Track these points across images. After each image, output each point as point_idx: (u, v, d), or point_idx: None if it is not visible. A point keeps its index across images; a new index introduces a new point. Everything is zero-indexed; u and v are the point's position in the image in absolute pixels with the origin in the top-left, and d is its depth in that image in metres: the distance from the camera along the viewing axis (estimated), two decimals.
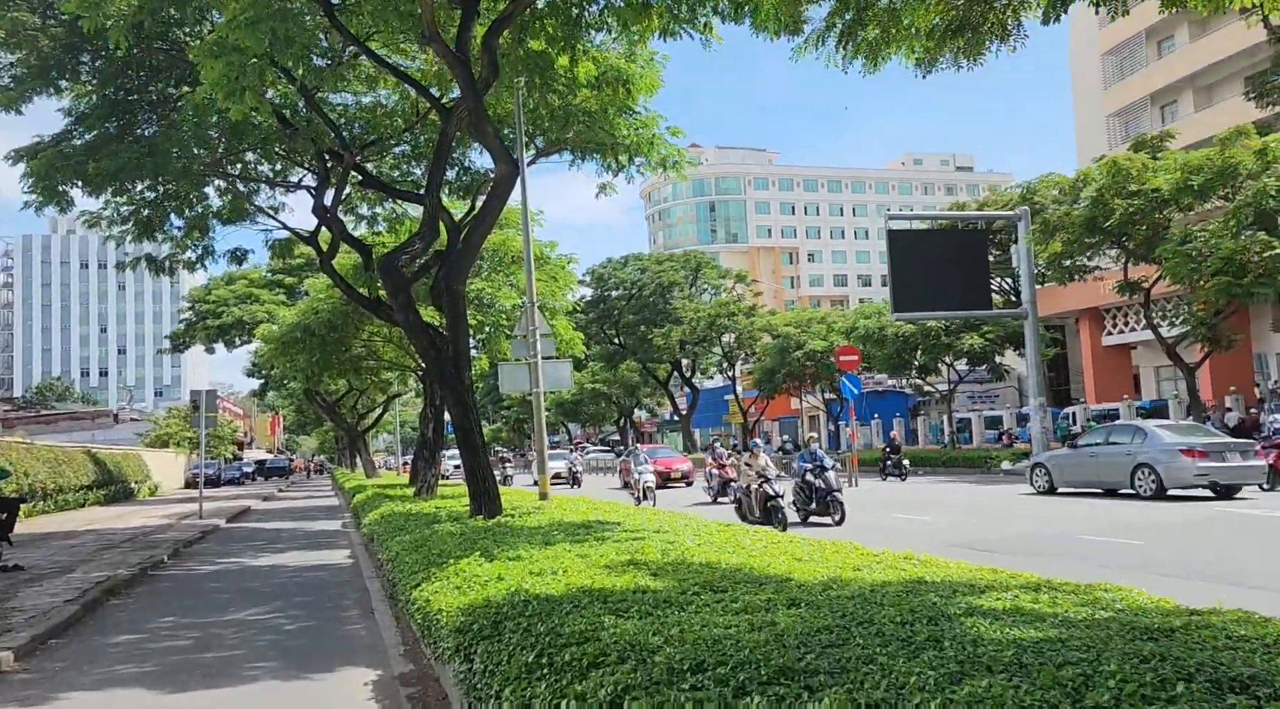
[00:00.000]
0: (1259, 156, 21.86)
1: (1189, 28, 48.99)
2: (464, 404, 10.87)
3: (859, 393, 27.15)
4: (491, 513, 10.96)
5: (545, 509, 12.11)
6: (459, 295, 10.74)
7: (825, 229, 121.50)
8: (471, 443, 10.99)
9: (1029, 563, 9.16)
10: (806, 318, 44.17)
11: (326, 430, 67.68)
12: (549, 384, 14.60)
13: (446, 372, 10.80)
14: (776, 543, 7.72)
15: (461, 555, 7.30)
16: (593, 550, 7.23)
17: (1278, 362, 42.85)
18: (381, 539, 10.90)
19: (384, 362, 28.95)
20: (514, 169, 10.68)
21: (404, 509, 13.78)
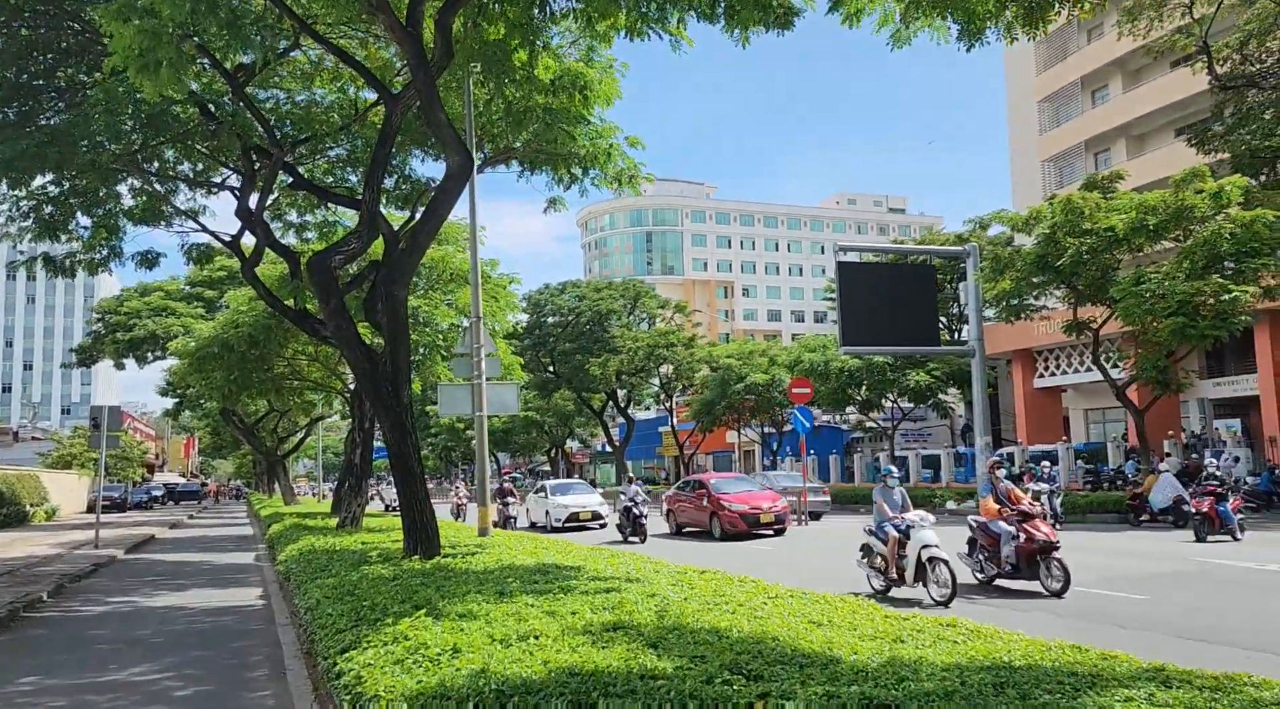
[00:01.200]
0: (1213, 199, 21.83)
1: (1123, 78, 50.29)
2: (402, 427, 9.52)
3: (810, 426, 26.32)
4: (429, 552, 9.59)
5: (489, 548, 10.76)
6: (400, 302, 9.44)
7: (760, 264, 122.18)
8: (409, 471, 9.62)
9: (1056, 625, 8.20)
10: (748, 350, 43.47)
11: (244, 454, 64.51)
12: (493, 408, 13.29)
13: (383, 389, 9.45)
14: (776, 598, 6.56)
15: (401, 610, 5.96)
16: (561, 606, 5.98)
17: (1200, 408, 43.59)
18: (299, 580, 9.42)
19: (309, 382, 27.12)
20: (467, 161, 9.49)
21: (326, 544, 12.25)
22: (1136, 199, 23.53)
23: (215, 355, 22.94)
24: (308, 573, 9.42)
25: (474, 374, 13.13)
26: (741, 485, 23.42)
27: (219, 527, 34.76)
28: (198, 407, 43.62)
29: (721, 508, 21.43)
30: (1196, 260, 21.77)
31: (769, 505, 21.55)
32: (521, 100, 10.90)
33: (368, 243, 10.10)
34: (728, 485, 23.00)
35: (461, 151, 9.41)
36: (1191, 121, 46.93)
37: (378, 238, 10.58)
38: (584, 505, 26.18)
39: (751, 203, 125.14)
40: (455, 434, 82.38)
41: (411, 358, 25.64)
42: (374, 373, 9.49)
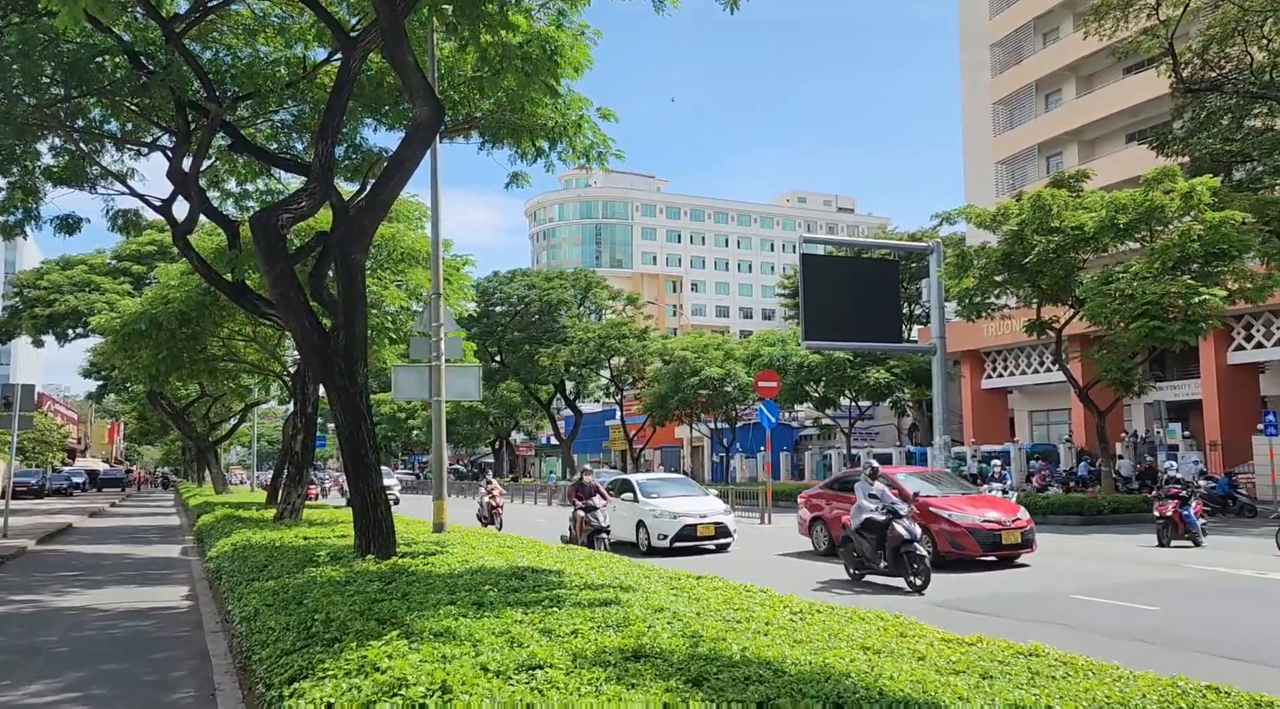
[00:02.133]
0: (1184, 199, 21.59)
1: (1076, 83, 50.67)
2: (356, 410, 8.39)
3: (775, 422, 25.59)
4: (385, 552, 8.48)
5: (449, 547, 9.67)
6: (358, 268, 8.29)
7: (710, 260, 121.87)
8: (363, 460, 8.49)
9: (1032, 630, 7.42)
10: (703, 343, 42.68)
11: (173, 440, 61.86)
12: (453, 393, 12.18)
13: (335, 367, 8.30)
14: (802, 614, 5.63)
15: (364, 629, 4.88)
16: (556, 622, 4.97)
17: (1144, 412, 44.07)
18: (233, 581, 8.23)
19: (245, 364, 25.52)
20: (437, 111, 8.38)
21: (264, 538, 11.01)
22: (1107, 197, 23.22)
23: (143, 333, 21.29)
24: (243, 573, 8.23)
25: (433, 355, 12.00)
26: (950, 488, 15.68)
27: (144, 516, 32.84)
28: (124, 389, 41.42)
29: (943, 521, 13.99)
30: (1167, 260, 21.51)
31: (1010, 519, 14.24)
32: (497, 48, 9.78)
33: (320, 202, 8.94)
34: (923, 486, 15.24)
35: (430, 99, 8.30)
36: (1142, 128, 47.46)
37: (329, 196, 9.41)
38: (702, 514, 17.39)
39: (703, 198, 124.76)
40: (396, 424, 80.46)
41: None
42: (325, 348, 8.32)
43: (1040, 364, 45.79)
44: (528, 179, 17.25)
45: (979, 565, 13.61)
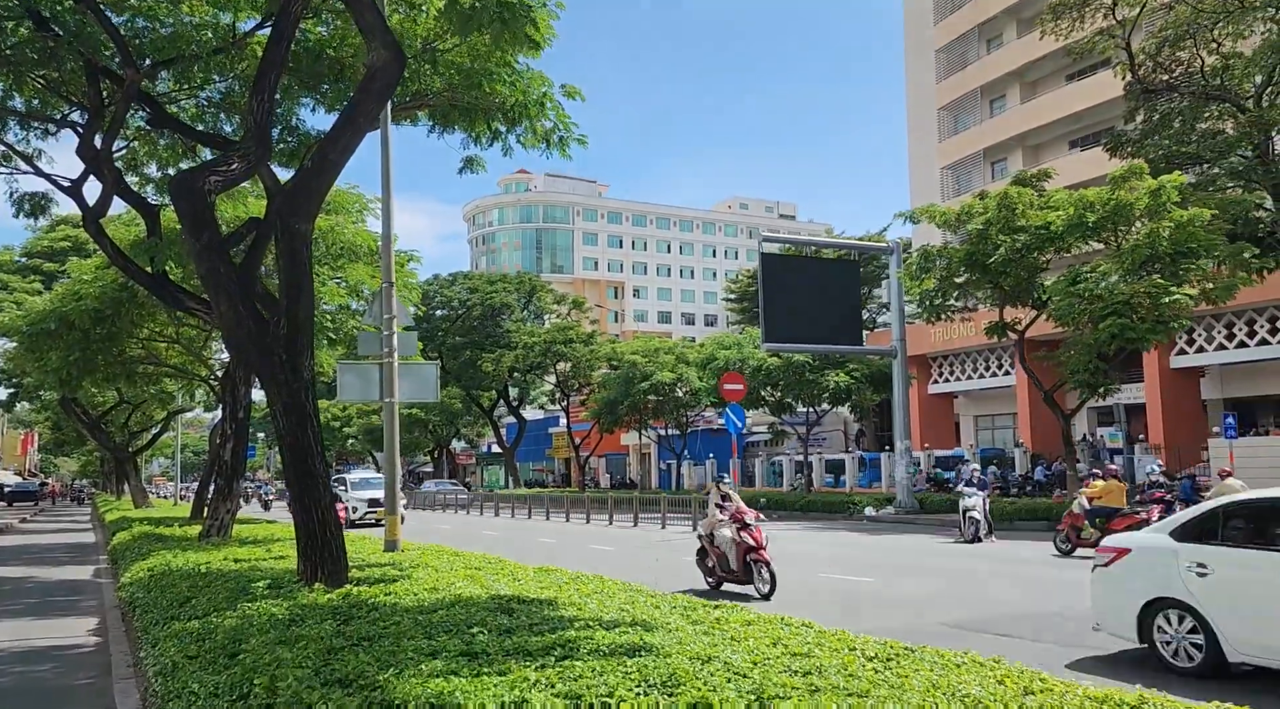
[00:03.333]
0: (1153, 196, 21.21)
1: (1020, 89, 50.99)
2: (300, 409, 7.02)
3: (742, 426, 24.56)
4: (336, 578, 7.12)
5: (408, 569, 8.33)
6: (303, 240, 6.91)
7: (652, 265, 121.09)
8: (308, 469, 7.12)
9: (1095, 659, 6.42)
10: (653, 347, 41.55)
11: (90, 451, 58.48)
12: (408, 393, 10.81)
13: (275, 358, 6.93)
14: (883, 660, 4.47)
15: (322, 696, 3.58)
16: (582, 681, 3.75)
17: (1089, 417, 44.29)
18: (147, 620, 6.79)
19: (167, 368, 23.57)
20: (396, 56, 7.09)
21: (187, 562, 9.51)
22: (1075, 195, 22.75)
23: (52, 333, 19.34)
24: (160, 609, 6.79)
25: (384, 352, 10.62)
26: None
27: (55, 533, 30.43)
28: (35, 397, 38.67)
29: None
30: (1136, 260, 21.07)
31: None
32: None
33: (253, 166, 7.53)
34: None
35: (389, 42, 7.01)
36: (1085, 134, 47.95)
37: (268, 157, 8.05)
38: None
39: (644, 203, 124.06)
40: (330, 432, 77.83)
41: None
42: (262, 336, 6.93)
43: (987, 369, 45.74)
44: (483, 164, 15.92)
45: None
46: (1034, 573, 13.65)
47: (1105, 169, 35.60)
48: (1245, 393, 35.69)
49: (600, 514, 31.48)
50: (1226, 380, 35.09)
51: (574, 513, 32.76)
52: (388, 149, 11.42)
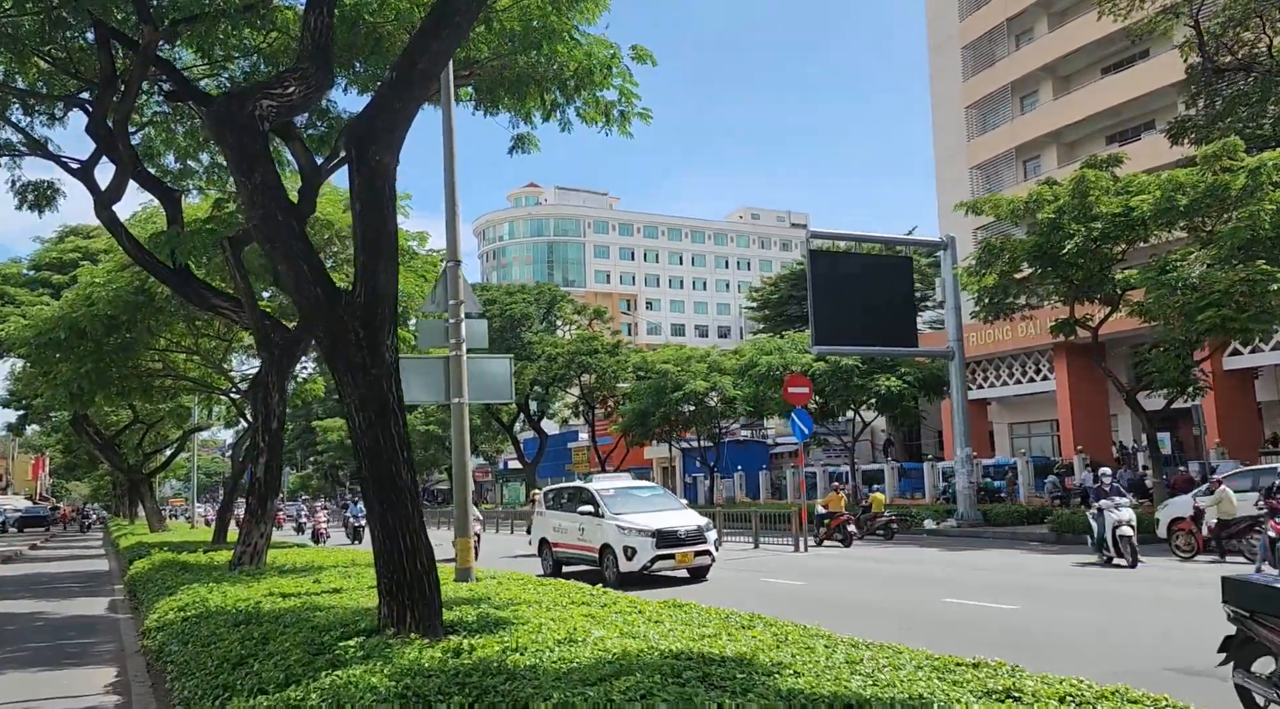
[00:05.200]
0: (1251, 175, 19.55)
1: (1053, 84, 49.42)
2: (381, 403, 5.37)
3: (809, 433, 22.83)
4: (430, 625, 5.43)
5: (503, 606, 6.64)
6: (385, 176, 5.23)
7: (664, 277, 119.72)
8: (393, 480, 5.45)
9: None
10: (685, 355, 39.84)
11: (102, 474, 56.89)
12: (479, 392, 9.13)
13: (348, 337, 5.29)
14: None
15: None
16: None
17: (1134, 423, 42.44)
18: (191, 685, 5.10)
19: (186, 381, 21.97)
20: None
21: (226, 600, 7.83)
22: (1163, 176, 21.03)
23: (61, 343, 17.77)
24: (206, 671, 5.10)
25: (450, 343, 8.95)
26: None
27: (67, 560, 28.78)
28: (45, 419, 37.12)
29: None
30: (1235, 245, 19.33)
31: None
32: None
33: (314, 91, 5.90)
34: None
35: None
36: (1123, 128, 46.32)
37: (330, 85, 6.46)
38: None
39: (655, 215, 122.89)
40: (344, 451, 76.33)
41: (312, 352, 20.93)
42: (333, 305, 5.29)
43: (1024, 374, 43.89)
44: (535, 143, 14.37)
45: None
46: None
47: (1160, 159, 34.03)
48: None
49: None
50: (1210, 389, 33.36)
51: None
52: (450, 101, 9.76)
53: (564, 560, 17.02)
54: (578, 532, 16.35)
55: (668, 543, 14.82)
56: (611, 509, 15.73)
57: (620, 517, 15.43)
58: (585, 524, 16.06)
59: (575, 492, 17.44)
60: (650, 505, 16.09)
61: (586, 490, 16.77)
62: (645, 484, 19.28)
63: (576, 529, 16.40)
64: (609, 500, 16.03)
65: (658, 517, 15.36)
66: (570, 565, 16.91)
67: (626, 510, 15.71)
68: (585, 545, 16.12)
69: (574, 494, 17.32)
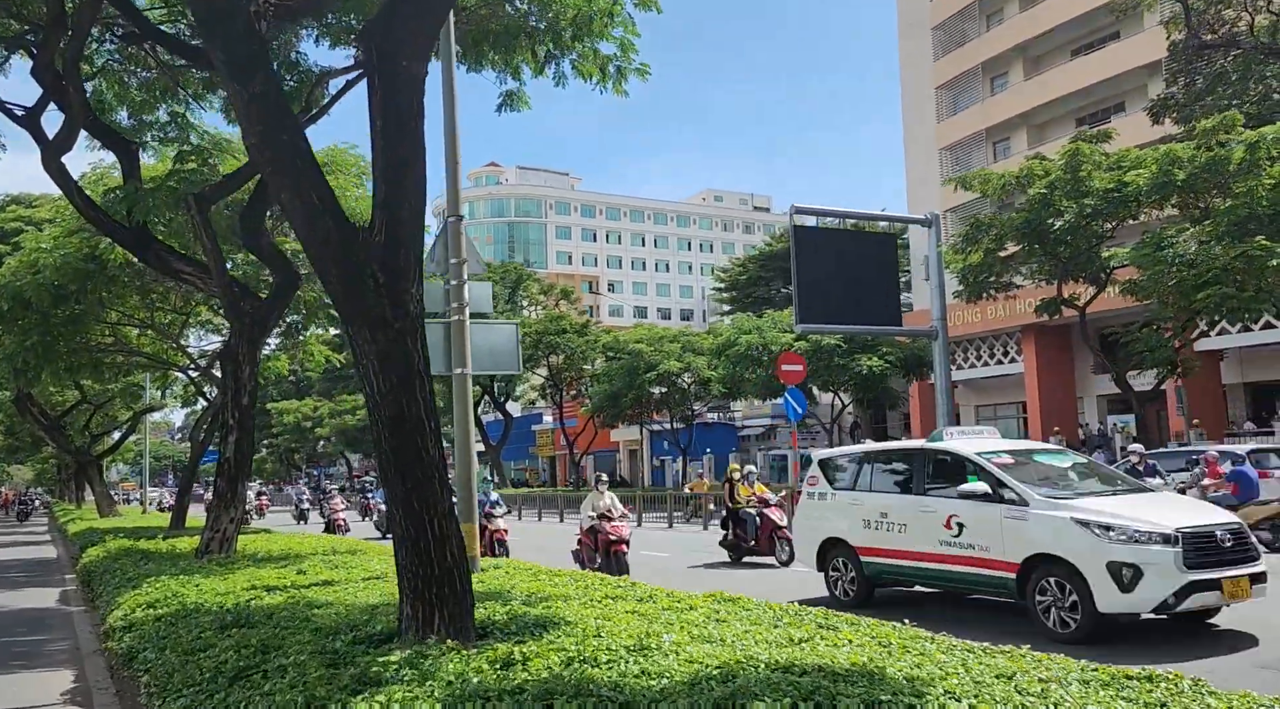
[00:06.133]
0: (1250, 150, 19.19)
1: (1024, 65, 49.24)
2: (406, 363, 4.44)
3: (803, 413, 22.15)
4: (460, 624, 4.56)
5: (533, 601, 5.78)
6: (414, 86, 4.30)
7: (627, 259, 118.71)
8: (419, 456, 4.55)
9: None
10: (657, 335, 39.03)
11: (46, 457, 54.57)
12: (484, 362, 8.23)
13: (367, 282, 4.37)
14: None
15: None
16: None
17: (1099, 405, 42.59)
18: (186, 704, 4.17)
19: (139, 357, 20.64)
20: None
21: (202, 594, 6.85)
22: (1160, 150, 20.60)
23: (3, 314, 16.42)
24: (198, 687, 4.17)
25: (450, 306, 8.02)
26: None
27: (9, 547, 27.24)
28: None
29: None
30: (1233, 221, 18.95)
31: None
32: None
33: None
34: None
35: None
36: (1094, 110, 46.28)
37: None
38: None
39: (617, 196, 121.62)
40: (300, 433, 74.41)
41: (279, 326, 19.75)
42: (349, 245, 4.34)
43: (991, 356, 43.84)
44: (525, 100, 13.38)
45: None
46: None
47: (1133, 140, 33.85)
48: (1265, 376, 34.14)
49: (655, 513, 29.25)
50: (1246, 364, 33.48)
51: (568, 512, 30.49)
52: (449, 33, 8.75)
53: (895, 577, 10.33)
54: (943, 530, 9.39)
55: (1206, 557, 7.99)
56: (1036, 491, 8.86)
57: (1072, 504, 8.60)
58: (969, 516, 9.16)
59: (921, 457, 10.23)
60: (1100, 485, 9.63)
61: (957, 456, 9.68)
62: (1046, 447, 12.77)
63: (937, 525, 9.46)
64: (1013, 473, 9.11)
65: (1142, 505, 8.73)
66: (909, 584, 10.45)
67: (1066, 493, 9.05)
68: (972, 556, 9.06)
69: (915, 461, 10.31)
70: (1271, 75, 26.22)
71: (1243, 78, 26.41)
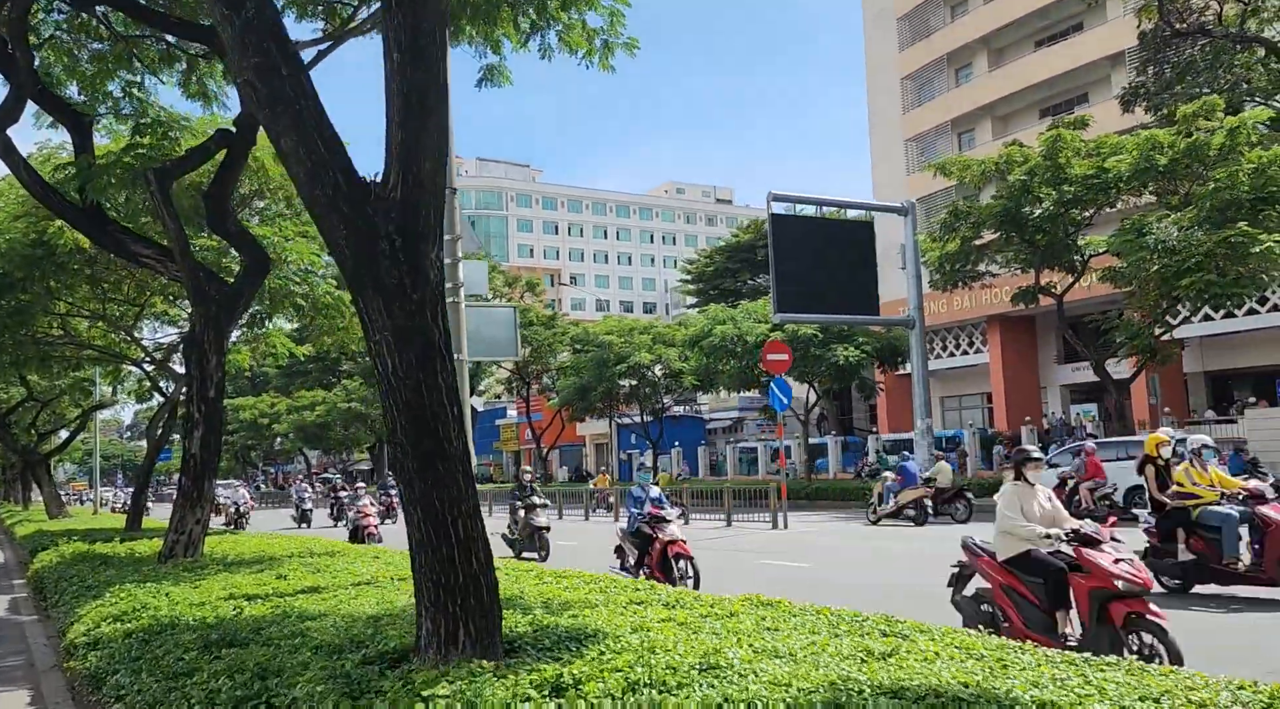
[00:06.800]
0: (1231, 135, 19.07)
1: (988, 57, 49.33)
2: (425, 339, 3.79)
3: (788, 403, 21.65)
4: (490, 643, 3.95)
5: (564, 607, 5.18)
6: (438, 10, 3.69)
7: (589, 252, 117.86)
8: (439, 447, 3.94)
9: None
10: (627, 326, 38.43)
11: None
12: (480, 347, 7.58)
13: (381, 243, 3.72)
14: None
15: None
16: None
17: (1062, 395, 42.89)
18: None
19: (90, 350, 19.59)
20: None
21: (175, 606, 6.14)
22: (1142, 136, 20.46)
23: None
24: None
25: (448, 286, 7.35)
26: None
27: None
28: None
29: None
30: (1215, 206, 18.85)
31: None
32: None
33: None
34: None
35: None
36: (1056, 102, 46.51)
37: None
38: None
39: (580, 188, 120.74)
40: (257, 431, 72.67)
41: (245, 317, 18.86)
42: (358, 206, 3.68)
43: (956, 347, 43.99)
44: (507, 76, 12.66)
45: None
46: None
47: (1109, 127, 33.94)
48: (1224, 365, 34.50)
49: (573, 509, 28.73)
50: (1207, 353, 33.82)
51: None
52: None
53: None
54: None
55: None
56: None
57: None
58: None
59: None
60: None
61: None
62: None
63: None
64: None
65: None
66: None
67: None
68: None
69: None
70: (1240, 65, 26.30)
71: (1211, 67, 26.46)
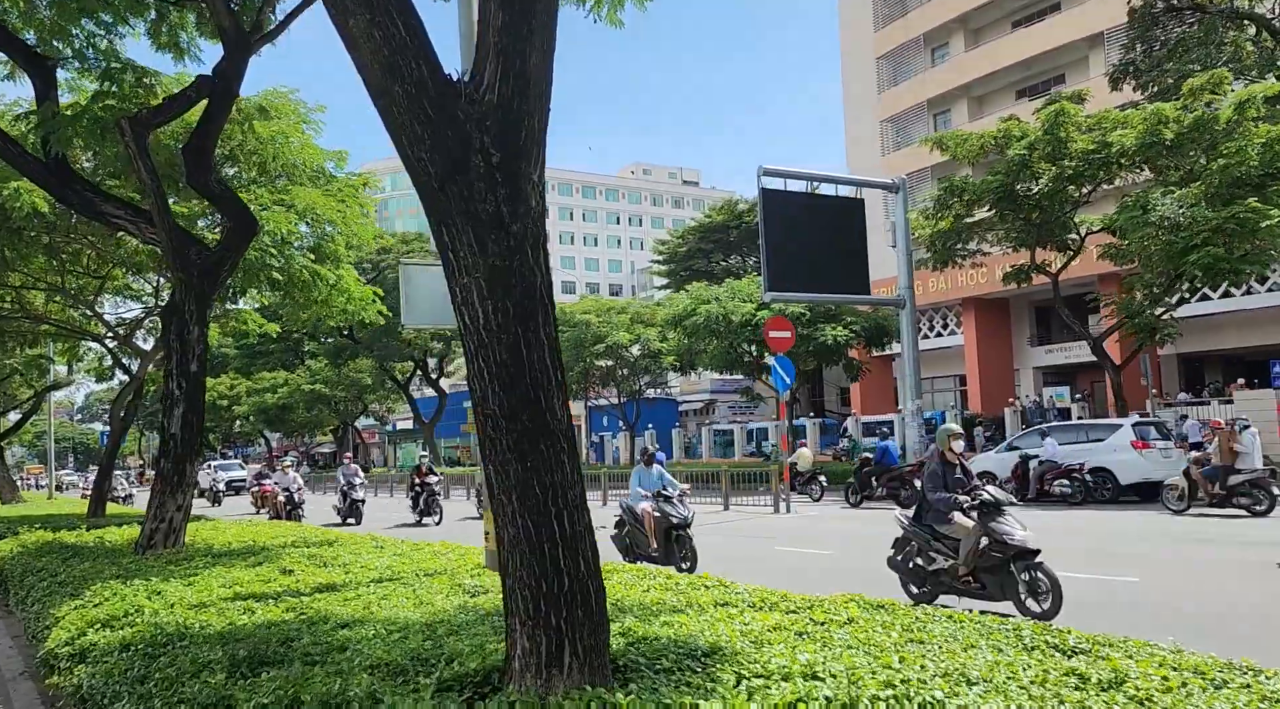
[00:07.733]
0: (1238, 109, 18.67)
1: (965, 37, 48.98)
2: (527, 286, 3.03)
3: (791, 382, 20.93)
4: (596, 661, 3.16)
5: (646, 610, 4.39)
6: None
7: (555, 233, 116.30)
8: (545, 424, 3.14)
9: None
10: (605, 306, 37.55)
11: None
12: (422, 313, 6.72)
13: (475, 163, 2.92)
14: None
15: None
16: None
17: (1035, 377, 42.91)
18: None
19: (50, 324, 18.30)
20: None
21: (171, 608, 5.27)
22: (1148, 110, 19.97)
23: None
24: None
25: None
26: None
27: None
28: None
29: None
30: (1224, 182, 18.43)
31: None
32: None
33: None
34: None
35: None
36: (1033, 82, 46.27)
37: None
38: None
39: (546, 169, 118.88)
40: (216, 412, 70.78)
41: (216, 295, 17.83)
42: (449, 111, 2.87)
43: (931, 329, 43.71)
44: None
45: None
46: None
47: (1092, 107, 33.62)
48: (1198, 348, 34.49)
49: None
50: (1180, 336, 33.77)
51: None
52: None
53: None
54: None
55: None
56: None
57: None
58: None
59: None
60: None
61: None
62: None
63: None
64: None
65: None
66: None
67: None
68: None
69: None
70: (1229, 42, 25.99)
71: (1203, 43, 26.11)
